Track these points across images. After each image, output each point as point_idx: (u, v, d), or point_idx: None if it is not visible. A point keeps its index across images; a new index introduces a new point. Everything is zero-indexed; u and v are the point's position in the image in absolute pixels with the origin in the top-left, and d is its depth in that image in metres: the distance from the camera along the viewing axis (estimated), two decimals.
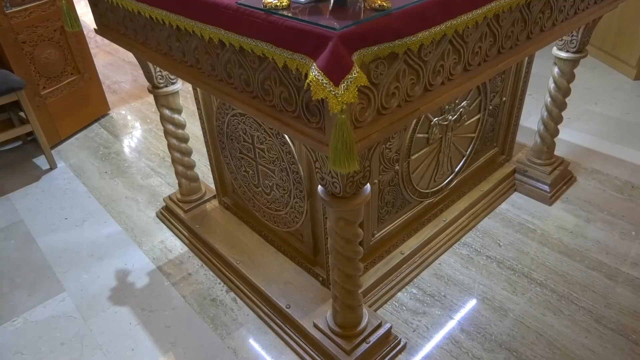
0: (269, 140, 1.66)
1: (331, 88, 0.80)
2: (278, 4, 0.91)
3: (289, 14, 0.90)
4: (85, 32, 3.35)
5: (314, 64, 0.82)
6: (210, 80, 1.31)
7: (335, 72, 0.80)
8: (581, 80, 3.24)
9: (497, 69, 1.38)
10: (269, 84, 1.08)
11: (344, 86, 0.80)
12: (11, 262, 2.25)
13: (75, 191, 2.73)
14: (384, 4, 0.87)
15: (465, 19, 1.06)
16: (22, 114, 2.89)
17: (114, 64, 4.49)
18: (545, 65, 2.62)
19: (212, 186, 2.32)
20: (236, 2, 0.99)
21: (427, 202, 2.05)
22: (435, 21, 0.99)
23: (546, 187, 2.38)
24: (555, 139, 2.40)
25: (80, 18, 2.92)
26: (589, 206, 2.36)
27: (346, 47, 0.82)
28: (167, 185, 2.71)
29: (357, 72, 0.82)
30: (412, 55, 1.03)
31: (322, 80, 0.80)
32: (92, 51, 3.34)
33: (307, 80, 0.82)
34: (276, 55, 0.94)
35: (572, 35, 2.05)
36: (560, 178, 2.45)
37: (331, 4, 0.95)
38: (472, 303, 1.87)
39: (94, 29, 1.90)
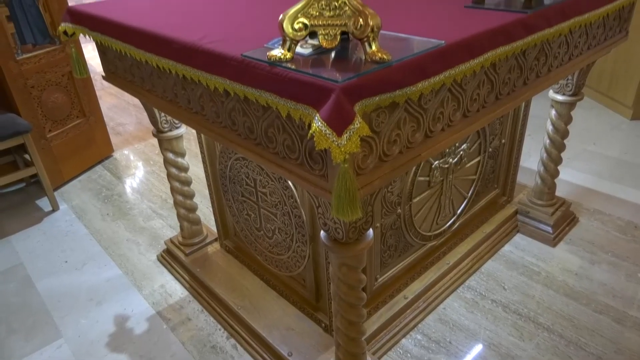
0: (272, 184, 1.67)
1: (334, 138, 0.81)
2: (282, 56, 0.94)
3: (293, 66, 0.92)
4: (92, 75, 3.43)
5: (317, 115, 0.84)
6: (215, 127, 1.33)
7: (338, 122, 0.82)
8: (579, 120, 3.30)
9: (496, 115, 1.40)
10: (273, 131, 1.09)
11: (346, 136, 0.82)
12: (9, 306, 2.22)
13: (76, 233, 2.72)
14: (384, 57, 0.90)
15: (463, 68, 1.09)
16: (27, 156, 2.92)
17: (118, 106, 4.57)
18: (543, 107, 2.67)
19: (214, 229, 2.32)
20: (241, 54, 1.02)
21: (429, 245, 2.04)
22: (434, 71, 1.02)
23: (549, 229, 2.37)
24: (556, 180, 2.41)
25: (87, 62, 3.00)
26: (593, 247, 2.34)
27: (348, 99, 0.84)
28: (168, 227, 2.70)
29: (360, 123, 0.83)
30: (413, 103, 1.05)
31: (325, 130, 0.82)
32: (97, 93, 3.41)
33: (311, 131, 0.84)
34: (280, 105, 0.96)
35: (568, 79, 2.10)
36: (562, 219, 2.44)
37: (333, 56, 0.98)
38: (478, 349, 1.83)
39: (102, 76, 1.95)
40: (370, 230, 1.26)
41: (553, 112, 2.23)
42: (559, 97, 2.16)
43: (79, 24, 1.74)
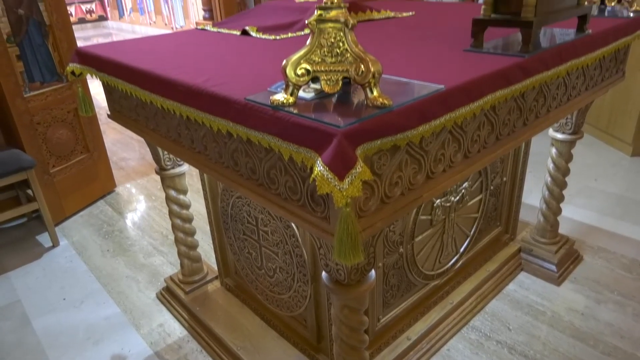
0: (273, 222, 1.67)
1: (336, 183, 0.82)
2: (284, 100, 0.95)
3: (295, 111, 0.94)
4: (97, 110, 3.47)
5: (319, 159, 0.84)
6: (217, 167, 1.34)
7: (340, 167, 0.83)
8: (579, 156, 3.31)
9: (496, 155, 1.41)
10: (275, 173, 1.10)
11: (348, 180, 0.82)
12: (4, 345, 2.17)
13: (76, 270, 2.70)
14: (385, 102, 0.92)
15: (463, 111, 1.11)
16: (29, 191, 2.93)
17: (122, 141, 4.62)
18: (543, 143, 2.69)
19: (215, 266, 2.30)
20: (245, 98, 1.04)
21: (432, 284, 2.01)
22: (435, 115, 1.03)
23: (553, 267, 2.34)
24: (558, 217, 2.40)
25: (93, 97, 3.05)
26: (598, 286, 2.31)
27: (350, 143, 0.85)
28: (168, 264, 2.68)
29: (361, 167, 0.84)
30: (414, 145, 1.06)
31: (327, 175, 0.82)
32: (101, 128, 3.46)
33: (313, 175, 0.84)
34: (282, 148, 0.97)
35: (567, 118, 2.12)
36: (566, 257, 2.42)
37: (335, 100, 1.00)
38: None
39: (107, 114, 1.98)
40: (373, 271, 1.24)
41: (553, 150, 2.25)
42: (559, 136, 2.18)
43: (86, 64, 1.78)
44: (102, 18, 13.37)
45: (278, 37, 1.75)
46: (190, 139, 1.42)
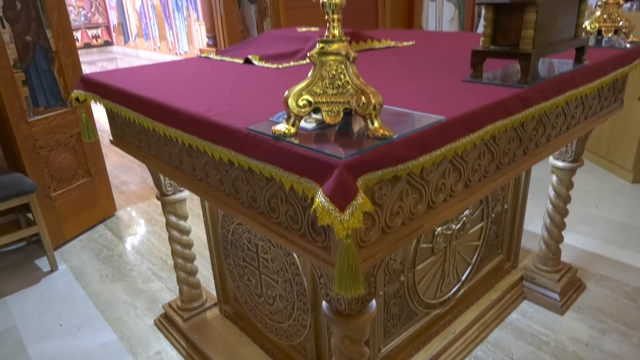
0: (273, 250, 1.66)
1: (337, 214, 0.82)
2: (286, 131, 0.96)
3: (297, 141, 0.95)
4: (100, 133, 3.50)
5: (320, 190, 0.85)
6: (218, 194, 1.34)
7: (341, 198, 0.83)
8: (580, 183, 3.31)
9: (497, 184, 1.41)
10: (276, 201, 1.10)
11: (349, 212, 0.82)
12: None
13: (74, 295, 2.67)
14: (386, 133, 0.92)
15: (463, 142, 1.11)
16: (29, 215, 2.93)
17: (124, 164, 4.64)
18: (544, 170, 2.69)
19: (214, 293, 2.28)
20: (247, 128, 1.05)
21: (434, 313, 1.98)
22: (435, 146, 1.04)
23: (556, 296, 2.32)
24: (561, 245, 2.39)
25: (96, 120, 3.07)
26: (602, 316, 2.28)
27: (351, 174, 0.86)
28: (167, 290, 2.66)
29: (362, 198, 0.84)
30: (415, 175, 1.07)
31: (328, 206, 0.82)
32: (103, 151, 3.47)
33: (314, 206, 0.84)
34: (283, 178, 0.97)
35: (567, 146, 2.13)
36: (569, 285, 2.39)
37: (336, 131, 1.01)
38: None
39: (110, 140, 1.99)
40: (374, 301, 1.23)
41: (554, 177, 2.25)
42: (559, 164, 2.18)
43: (91, 91, 1.80)
44: (108, 43, 13.60)
45: (280, 66, 1.77)
46: (192, 166, 1.42)
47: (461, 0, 4.87)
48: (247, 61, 1.88)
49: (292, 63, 1.80)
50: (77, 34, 12.74)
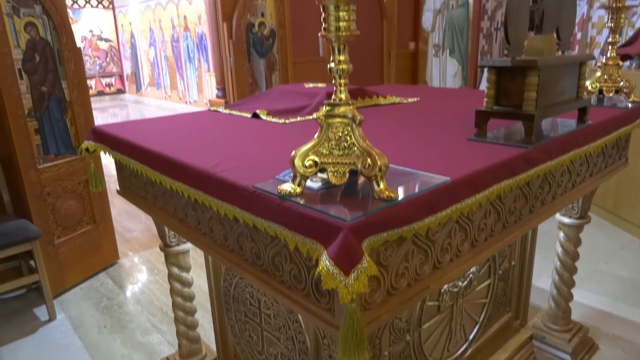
0: (276, 306, 1.63)
1: (341, 278, 0.81)
2: (292, 190, 0.97)
3: (302, 201, 0.95)
4: (107, 178, 3.52)
5: (325, 253, 0.84)
6: (222, 250, 1.33)
7: (346, 262, 0.82)
8: (588, 238, 3.26)
9: (504, 243, 1.40)
10: (280, 260, 1.09)
11: (354, 276, 0.81)
12: None
13: (70, 346, 2.61)
14: (392, 195, 0.93)
15: (469, 202, 1.11)
16: (32, 262, 2.91)
17: (129, 211, 4.65)
18: (551, 222, 2.66)
19: (214, 347, 2.21)
20: (253, 186, 1.06)
21: None
22: (441, 207, 1.04)
23: (567, 357, 2.24)
24: (570, 303, 2.33)
25: (105, 165, 3.10)
26: None
27: (356, 237, 0.85)
28: (166, 343, 2.59)
29: (367, 262, 0.83)
30: (420, 236, 1.06)
31: (333, 270, 0.81)
32: (109, 197, 3.49)
33: (318, 269, 0.83)
34: (288, 237, 0.97)
35: (574, 203, 2.12)
36: (581, 346, 2.31)
37: (342, 191, 1.01)
38: None
39: (117, 190, 2.01)
40: None
41: (561, 234, 2.23)
42: (566, 220, 2.17)
43: (101, 142, 1.84)
44: (120, 91, 14.00)
45: (287, 121, 1.81)
46: (197, 219, 1.42)
47: (464, 56, 5.02)
48: (255, 115, 1.92)
49: (299, 118, 1.84)
50: (91, 82, 13.16)
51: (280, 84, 4.05)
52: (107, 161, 5.11)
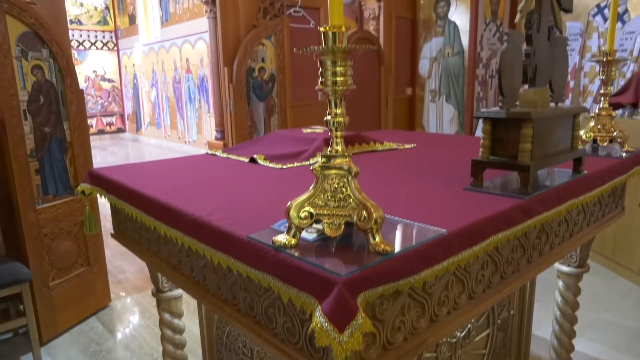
0: (269, 357, 1.58)
1: (335, 335, 0.79)
2: (286, 242, 0.96)
3: (297, 254, 0.94)
4: (102, 216, 3.46)
5: (319, 308, 0.82)
6: (215, 299, 1.30)
7: (340, 318, 0.80)
8: (587, 285, 3.22)
9: (502, 295, 1.37)
10: (273, 311, 1.07)
11: (348, 333, 0.79)
12: None
13: None
14: (387, 248, 0.92)
15: (466, 254, 1.10)
16: (21, 306, 2.85)
17: (123, 253, 4.58)
18: (549, 269, 2.63)
19: None
20: (247, 236, 1.05)
21: None
22: (438, 260, 1.02)
23: None
24: (572, 354, 2.27)
25: (101, 205, 3.07)
26: None
27: (351, 292, 0.84)
28: None
29: (362, 318, 0.81)
30: (417, 289, 1.04)
31: (327, 326, 0.79)
32: (104, 238, 3.44)
33: (312, 326, 0.81)
34: (282, 290, 0.95)
35: (572, 252, 2.11)
36: None
37: (337, 242, 1.00)
38: None
39: (111, 234, 1.99)
40: None
41: (560, 283, 2.20)
42: (565, 269, 2.15)
43: (97, 185, 1.84)
44: (121, 130, 14.15)
45: (284, 167, 1.81)
46: (190, 267, 1.40)
47: (460, 102, 5.12)
48: (253, 160, 1.93)
49: (296, 164, 1.85)
50: (92, 121, 13.32)
51: (279, 127, 4.10)
52: (103, 200, 5.09)
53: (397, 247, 0.95)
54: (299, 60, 4.15)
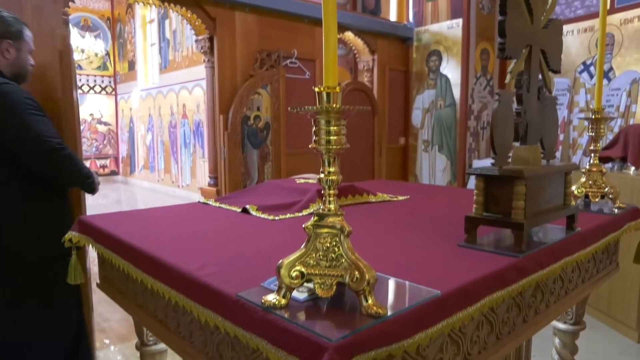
0: None
1: None
2: (276, 302, 0.93)
3: (287, 315, 0.90)
4: (90, 260, 3.37)
5: None
6: (201, 356, 1.25)
7: None
8: (584, 340, 3.14)
9: (498, 356, 1.33)
10: None
11: None
12: None
13: None
14: (380, 311, 0.89)
15: (460, 316, 1.07)
16: None
17: (109, 300, 4.45)
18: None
19: None
20: (236, 294, 1.02)
21: None
22: (432, 322, 0.99)
23: None
24: None
25: (88, 250, 3.00)
26: None
27: (342, 357, 0.80)
28: None
29: None
30: (410, 352, 1.00)
31: None
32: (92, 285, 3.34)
33: None
34: (271, 353, 0.91)
35: (568, 310, 2.07)
36: None
37: (328, 303, 0.97)
38: None
39: (97, 283, 1.93)
40: None
41: (557, 340, 2.15)
42: (561, 326, 2.10)
43: (86, 234, 1.80)
44: (114, 173, 14.15)
45: (277, 218, 1.80)
46: (177, 322, 1.35)
47: (452, 152, 5.19)
48: (245, 210, 1.91)
49: (288, 215, 1.83)
50: (87, 163, 13.30)
51: (273, 174, 4.11)
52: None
53: (390, 310, 0.92)
54: None
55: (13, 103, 2.01)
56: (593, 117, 1.95)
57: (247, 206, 1.91)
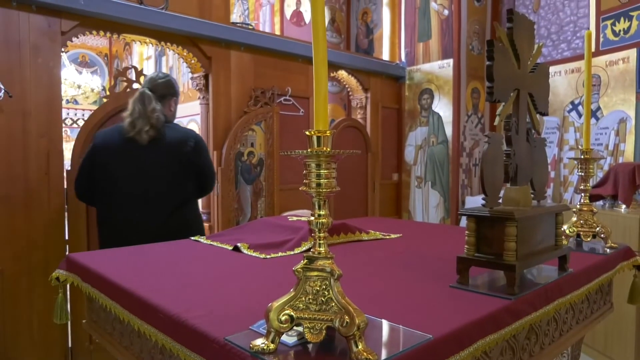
0: None
1: None
2: (265, 347, 0.91)
3: None
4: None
5: None
6: None
7: None
8: None
9: None
10: None
11: None
12: None
13: None
14: (370, 357, 0.87)
15: None
16: None
17: None
18: None
19: None
20: (224, 338, 0.99)
21: None
22: None
23: None
24: None
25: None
26: None
27: None
28: None
29: None
30: None
31: None
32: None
33: None
34: None
35: (563, 352, 2.04)
36: None
37: (317, 348, 0.95)
38: None
39: (83, 322, 1.89)
40: None
41: None
42: None
43: (73, 272, 1.77)
44: None
45: (268, 256, 1.78)
46: None
47: (445, 189, 5.22)
48: (236, 249, 1.89)
49: (280, 254, 1.82)
50: None
51: (266, 209, 4.10)
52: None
53: (381, 355, 0.90)
54: (288, 145, 4.25)
55: (204, 142, 2.87)
56: (582, 157, 1.98)
57: (239, 244, 1.89)
